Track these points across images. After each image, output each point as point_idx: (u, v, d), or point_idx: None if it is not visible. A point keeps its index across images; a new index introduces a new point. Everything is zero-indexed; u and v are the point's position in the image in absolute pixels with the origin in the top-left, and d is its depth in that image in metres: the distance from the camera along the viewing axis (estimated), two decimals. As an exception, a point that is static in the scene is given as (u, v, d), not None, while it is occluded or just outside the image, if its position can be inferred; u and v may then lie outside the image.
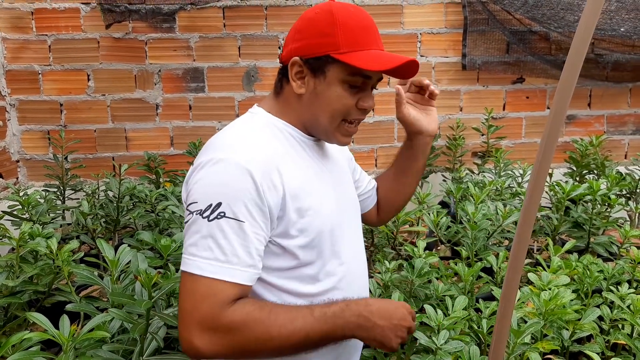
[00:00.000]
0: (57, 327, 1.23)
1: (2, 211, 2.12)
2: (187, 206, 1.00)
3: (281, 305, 1.01)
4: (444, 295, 1.57)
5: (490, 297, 1.71)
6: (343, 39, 1.05)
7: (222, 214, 0.95)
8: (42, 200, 2.41)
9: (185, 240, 1.00)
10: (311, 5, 3.04)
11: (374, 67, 1.03)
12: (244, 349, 0.95)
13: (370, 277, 1.81)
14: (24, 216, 2.17)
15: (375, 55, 1.06)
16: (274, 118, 1.13)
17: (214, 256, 0.95)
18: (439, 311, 1.41)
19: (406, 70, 1.11)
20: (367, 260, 2.31)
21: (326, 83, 1.07)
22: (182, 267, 0.98)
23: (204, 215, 0.96)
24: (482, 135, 3.19)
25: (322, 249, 1.10)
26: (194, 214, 0.97)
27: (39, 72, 3.00)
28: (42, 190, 2.61)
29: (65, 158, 2.80)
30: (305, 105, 1.11)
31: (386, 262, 1.73)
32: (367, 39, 1.07)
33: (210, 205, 0.96)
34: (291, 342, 0.96)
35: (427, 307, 1.43)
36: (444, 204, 2.84)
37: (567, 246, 1.88)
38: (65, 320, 1.26)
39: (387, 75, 1.13)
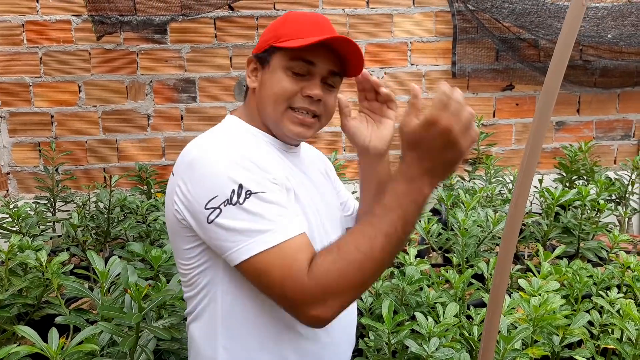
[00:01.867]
0: (46, 341, 1.22)
1: (-9, 224, 2.11)
2: (208, 202, 0.93)
3: (344, 236, 0.94)
4: (435, 303, 1.57)
5: (481, 304, 1.71)
6: (285, 30, 1.07)
7: (249, 192, 0.92)
8: (32, 213, 2.39)
9: (225, 235, 0.93)
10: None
11: (296, 44, 1.02)
12: (352, 288, 0.89)
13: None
14: (14, 228, 2.16)
15: (309, 40, 1.03)
16: (246, 125, 1.12)
17: (258, 229, 0.91)
18: (430, 319, 1.41)
19: (351, 62, 1.08)
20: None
21: (270, 71, 1.08)
22: (242, 256, 0.91)
23: (234, 201, 0.92)
24: (473, 142, 3.20)
25: None
26: (222, 205, 0.92)
27: (30, 83, 2.99)
28: (33, 202, 2.59)
29: (56, 170, 2.79)
30: (258, 99, 1.11)
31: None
32: (312, 30, 1.06)
33: (233, 191, 0.92)
34: (378, 250, 0.87)
35: (418, 314, 1.43)
36: (435, 211, 2.85)
37: (557, 252, 1.89)
38: (54, 333, 1.25)
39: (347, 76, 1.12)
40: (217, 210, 0.92)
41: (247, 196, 0.92)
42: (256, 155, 1.00)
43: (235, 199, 0.92)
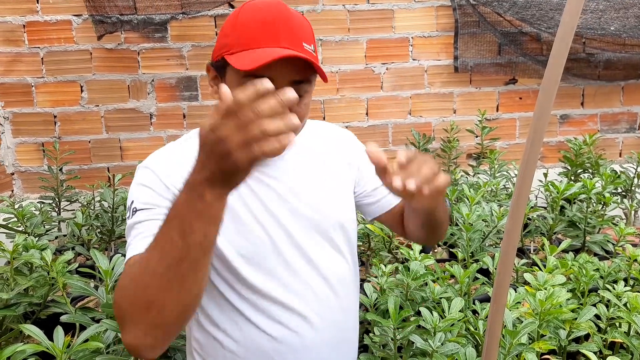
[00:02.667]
0: (52, 339, 1.23)
1: (-4, 224, 2.11)
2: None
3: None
4: (440, 298, 1.57)
5: (486, 299, 1.71)
6: (235, 39, 0.97)
7: (135, 209, 0.99)
8: (37, 212, 2.40)
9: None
10: (302, 12, 3.06)
11: (242, 66, 0.91)
12: (137, 301, 0.80)
13: (367, 281, 1.82)
14: (19, 228, 2.16)
15: (258, 54, 0.92)
16: None
17: (131, 246, 0.96)
18: (435, 314, 1.40)
19: (300, 69, 0.96)
20: (364, 264, 2.31)
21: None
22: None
23: (128, 217, 1.01)
24: (476, 137, 3.20)
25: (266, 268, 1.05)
26: (127, 213, 1.03)
27: (32, 84, 3.00)
28: (38, 202, 2.60)
29: (60, 169, 2.80)
30: None
31: (382, 266, 1.73)
32: (262, 36, 0.95)
33: (129, 207, 1.01)
34: (156, 266, 0.78)
35: (423, 310, 1.43)
36: (439, 207, 2.84)
37: (563, 245, 1.88)
38: (59, 331, 1.25)
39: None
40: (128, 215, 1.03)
41: (133, 212, 0.99)
42: (173, 171, 1.00)
43: (128, 213, 1.01)
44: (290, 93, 0.70)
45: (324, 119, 3.18)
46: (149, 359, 0.85)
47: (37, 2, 2.92)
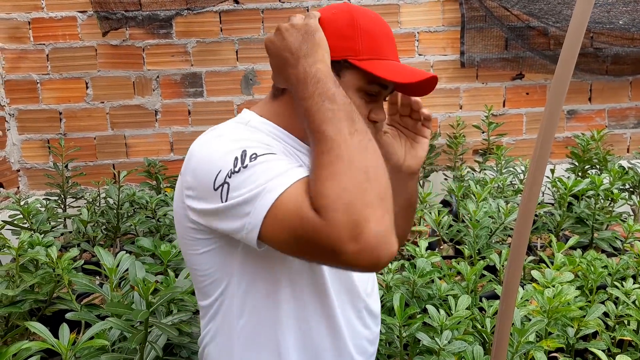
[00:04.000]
0: (57, 336, 1.23)
1: (2, 221, 2.12)
2: (215, 181, 0.85)
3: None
4: (447, 295, 1.56)
5: (493, 296, 1.69)
6: (364, 45, 0.97)
7: (254, 155, 0.84)
8: (42, 209, 2.40)
9: (233, 201, 0.83)
10: (307, 8, 3.04)
11: (399, 78, 0.95)
12: (375, 199, 0.76)
13: (372, 278, 1.80)
14: (25, 225, 2.16)
15: (395, 66, 0.98)
16: (267, 122, 1.02)
17: (274, 174, 0.82)
18: (442, 311, 1.39)
19: (425, 86, 1.02)
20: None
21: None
22: (261, 215, 0.80)
23: (237, 169, 0.84)
24: (483, 132, 3.17)
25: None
26: (227, 178, 0.84)
27: (38, 81, 3.00)
28: (43, 199, 2.61)
29: (66, 166, 2.80)
30: None
31: (391, 266, 1.72)
32: (388, 48, 1.00)
33: (236, 158, 0.85)
34: (336, 132, 0.80)
35: (429, 307, 1.42)
36: (445, 203, 2.83)
37: (571, 242, 1.86)
38: (64, 329, 1.25)
39: (399, 91, 1.07)
40: (226, 185, 0.84)
41: (253, 159, 0.84)
42: (260, 137, 0.94)
43: (239, 165, 0.84)
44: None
45: (329, 115, 3.16)
46: (391, 255, 0.76)
47: (42, -1, 2.92)
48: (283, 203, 0.79)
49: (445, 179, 3.05)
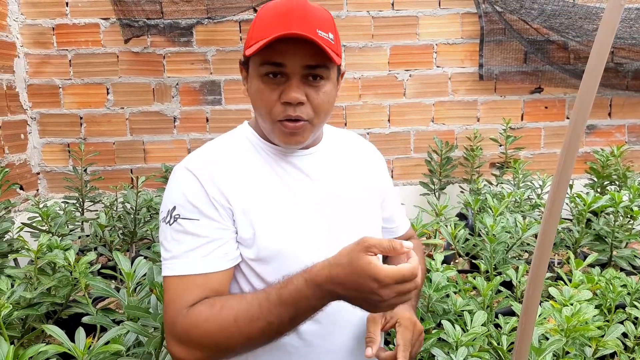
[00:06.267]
0: (73, 340, 1.24)
1: (21, 223, 2.15)
2: (160, 217, 1.05)
3: (234, 297, 0.94)
4: (462, 310, 1.54)
5: (510, 312, 1.67)
6: (254, 32, 1.00)
7: (178, 216, 0.99)
8: (61, 212, 2.44)
9: (161, 247, 1.03)
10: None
11: (250, 51, 0.96)
12: (215, 349, 0.92)
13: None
14: (43, 228, 2.19)
15: (257, 44, 0.96)
16: (252, 133, 1.12)
17: (171, 255, 0.98)
18: (457, 327, 1.38)
19: (312, 53, 0.96)
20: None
21: (250, 80, 1.04)
22: (163, 273, 1.01)
23: (166, 221, 1.00)
24: (500, 145, 3.15)
25: (285, 271, 0.96)
26: (160, 222, 1.02)
27: (60, 86, 3.05)
28: (62, 202, 2.64)
29: (85, 170, 2.84)
30: (253, 109, 1.07)
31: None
32: (275, 25, 0.95)
33: (169, 210, 1.00)
34: (255, 331, 0.88)
35: (445, 322, 1.40)
36: (461, 216, 2.81)
37: (589, 260, 1.83)
38: (81, 333, 1.26)
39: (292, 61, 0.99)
40: (161, 222, 1.02)
41: (175, 219, 0.99)
42: (215, 175, 1.02)
43: (167, 218, 1.00)
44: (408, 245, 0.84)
45: (345, 124, 3.17)
46: None
47: (67, 6, 2.98)
48: (175, 282, 0.97)
49: (462, 192, 3.03)
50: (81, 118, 3.09)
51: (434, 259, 1.76)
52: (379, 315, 1.04)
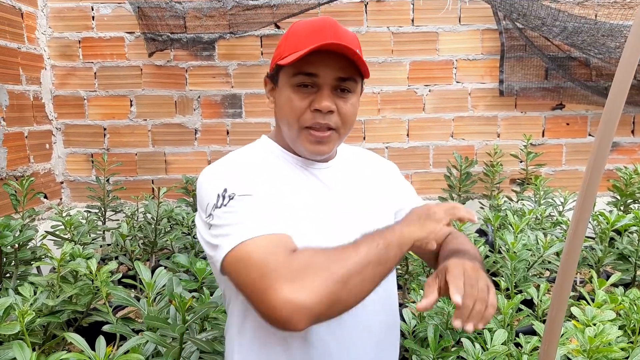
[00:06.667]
0: (93, 347, 1.25)
1: (45, 231, 2.19)
2: (205, 212, 0.99)
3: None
4: (483, 329, 1.52)
5: (531, 332, 1.64)
6: (287, 46, 1.06)
7: (233, 195, 0.96)
8: (83, 221, 2.48)
9: (215, 234, 0.96)
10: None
11: (287, 60, 1.01)
12: (331, 280, 0.85)
13: (405, 306, 1.78)
14: (66, 236, 2.23)
15: (296, 54, 1.01)
16: (272, 144, 1.15)
17: (243, 225, 0.92)
18: (477, 345, 1.36)
19: (343, 66, 1.03)
20: (402, 288, 2.27)
21: (279, 90, 1.09)
22: (224, 250, 0.92)
23: (219, 205, 0.96)
24: (521, 162, 3.12)
25: None
26: (212, 211, 0.97)
27: (85, 97, 3.12)
28: (84, 211, 2.69)
29: (107, 180, 2.89)
30: (277, 120, 1.12)
31: (421, 291, 1.69)
32: (310, 40, 1.01)
33: (218, 195, 0.97)
34: (361, 261, 0.87)
35: (464, 340, 1.39)
36: (481, 232, 2.78)
37: (612, 279, 1.79)
38: (101, 341, 1.28)
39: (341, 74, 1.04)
40: (211, 216, 0.97)
41: (231, 198, 0.96)
42: (250, 169, 1.04)
43: (220, 201, 0.96)
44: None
45: (364, 139, 3.18)
46: (299, 327, 0.83)
47: (93, 20, 3.06)
48: (260, 240, 0.90)
49: (482, 208, 3.00)
50: (105, 129, 3.15)
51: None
52: (432, 278, 0.98)
